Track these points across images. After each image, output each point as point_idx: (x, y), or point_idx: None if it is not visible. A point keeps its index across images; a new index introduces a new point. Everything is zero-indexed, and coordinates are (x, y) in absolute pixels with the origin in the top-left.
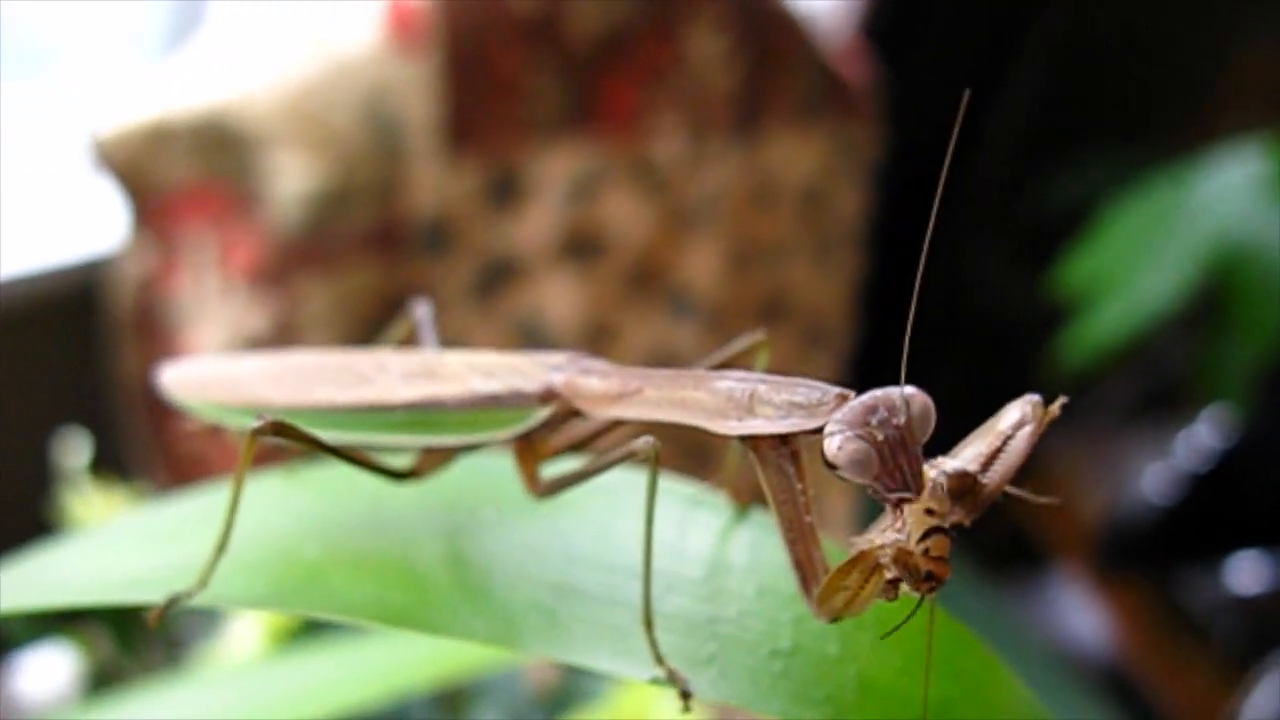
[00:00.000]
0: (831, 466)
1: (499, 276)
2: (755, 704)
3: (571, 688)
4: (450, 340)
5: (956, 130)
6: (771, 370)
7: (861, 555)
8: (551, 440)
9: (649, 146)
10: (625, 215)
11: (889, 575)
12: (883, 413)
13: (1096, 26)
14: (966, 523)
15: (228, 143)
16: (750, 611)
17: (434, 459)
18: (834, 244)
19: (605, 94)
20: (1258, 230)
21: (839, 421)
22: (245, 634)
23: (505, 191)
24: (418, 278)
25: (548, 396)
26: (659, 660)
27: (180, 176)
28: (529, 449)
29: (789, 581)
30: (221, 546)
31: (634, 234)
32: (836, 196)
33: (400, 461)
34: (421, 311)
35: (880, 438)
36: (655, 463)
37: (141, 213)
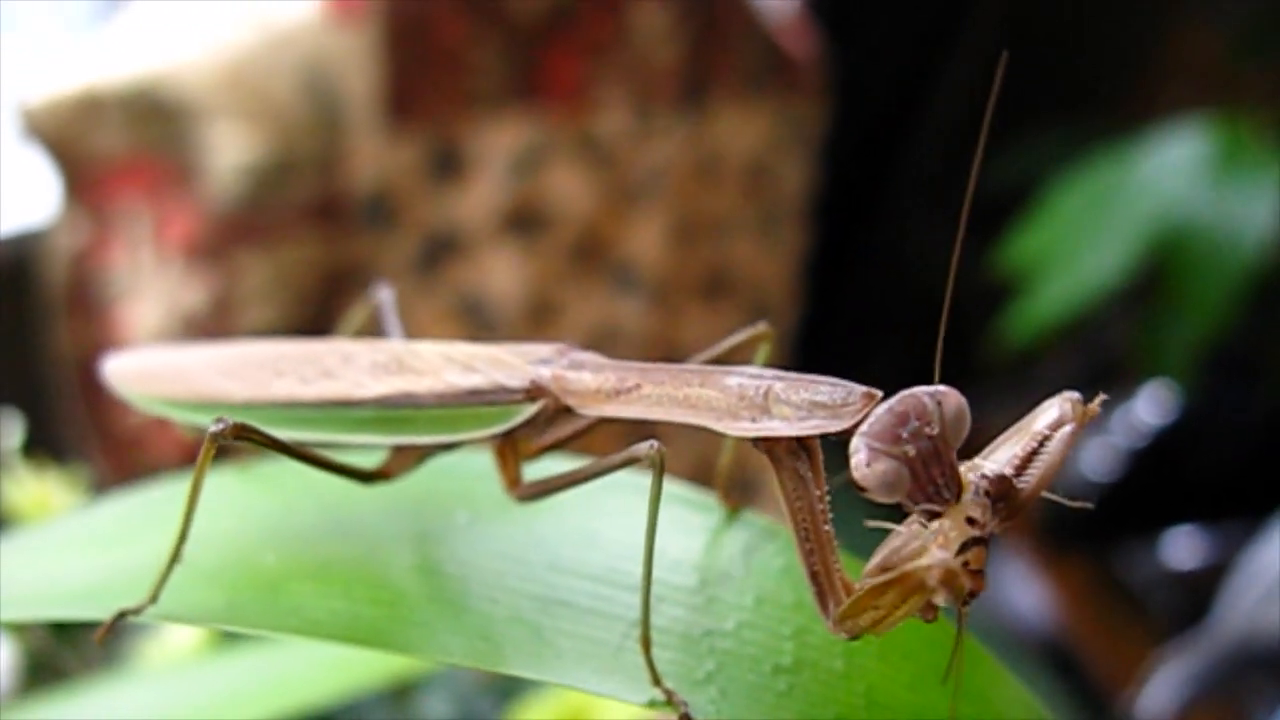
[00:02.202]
0: (859, 487)
1: (441, 251)
2: None
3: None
4: (379, 329)
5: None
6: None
7: (905, 576)
8: (535, 439)
9: (593, 120)
10: (569, 189)
11: (936, 598)
12: (914, 422)
13: (1038, 4)
14: (1000, 530)
15: (162, 113)
16: (749, 623)
17: (405, 459)
18: (778, 218)
19: (549, 67)
20: (1199, 208)
21: (867, 436)
22: (183, 627)
23: (447, 165)
24: (358, 252)
25: (534, 392)
26: (656, 680)
27: (113, 148)
28: (511, 449)
29: (788, 590)
30: (175, 557)
31: (578, 208)
32: (781, 171)
33: (368, 462)
34: (383, 295)
35: (912, 453)
36: (660, 469)
37: (73, 185)
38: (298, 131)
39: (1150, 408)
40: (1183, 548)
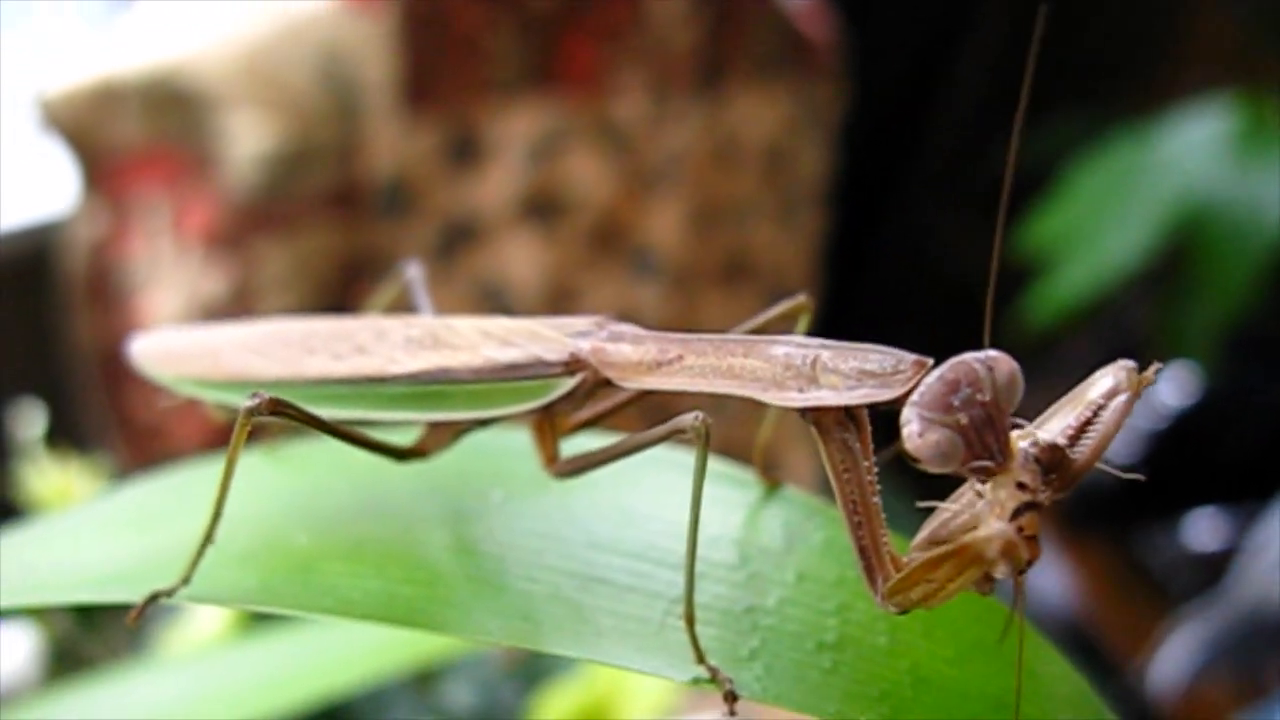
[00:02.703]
0: (911, 458)
1: (460, 238)
2: (806, 704)
3: (542, 662)
4: (409, 306)
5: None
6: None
7: (963, 548)
8: (573, 414)
9: (610, 106)
10: (587, 175)
11: (996, 570)
12: (965, 390)
13: None
14: (1051, 500)
15: (180, 103)
16: (791, 600)
17: (441, 435)
18: (797, 203)
19: (566, 53)
20: (1220, 189)
21: (918, 405)
22: (211, 612)
23: (465, 152)
24: (377, 240)
25: (574, 365)
26: (700, 659)
27: (131, 138)
28: (549, 423)
29: (829, 566)
30: (208, 538)
31: (596, 194)
32: (799, 155)
33: (402, 439)
34: (413, 273)
35: (965, 421)
36: (705, 442)
37: (92, 175)
38: (315, 120)
39: (1172, 389)
40: (1204, 530)
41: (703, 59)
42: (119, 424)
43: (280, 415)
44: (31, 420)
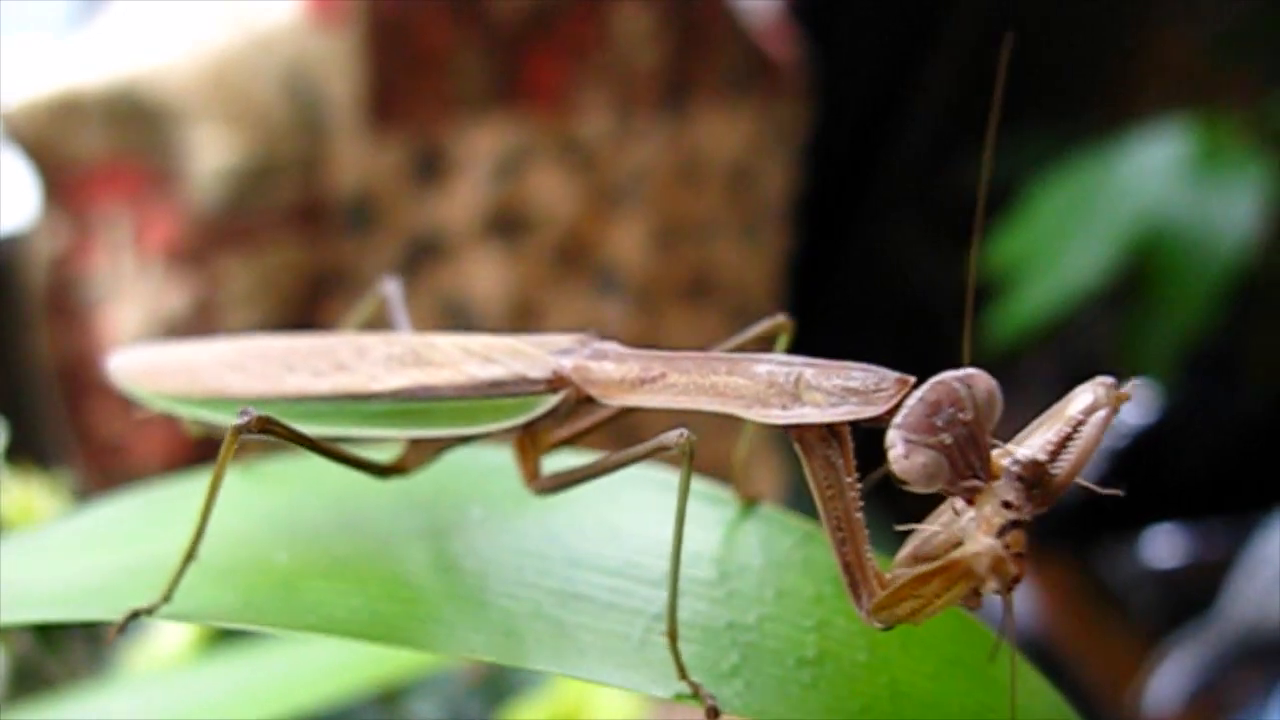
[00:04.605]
0: (898, 480)
1: (424, 254)
2: (787, 719)
3: (509, 677)
4: (385, 322)
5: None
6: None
7: (952, 565)
8: (555, 431)
9: (575, 123)
10: (551, 192)
11: (988, 585)
12: (948, 410)
13: (1019, 6)
14: (1031, 515)
15: (142, 117)
16: (771, 616)
17: (422, 452)
18: (761, 221)
19: (531, 70)
20: (1179, 209)
21: (902, 428)
22: (174, 631)
23: (430, 168)
24: (341, 256)
25: (556, 383)
26: (683, 675)
27: (93, 151)
28: (530, 440)
29: (807, 583)
30: (190, 555)
31: (560, 211)
32: (763, 174)
33: (382, 455)
34: (390, 289)
35: (949, 441)
36: (690, 459)
37: (53, 188)
38: (279, 134)
39: (1131, 407)
40: (1163, 546)
41: (668, 77)
42: (80, 440)
43: (268, 433)
44: None
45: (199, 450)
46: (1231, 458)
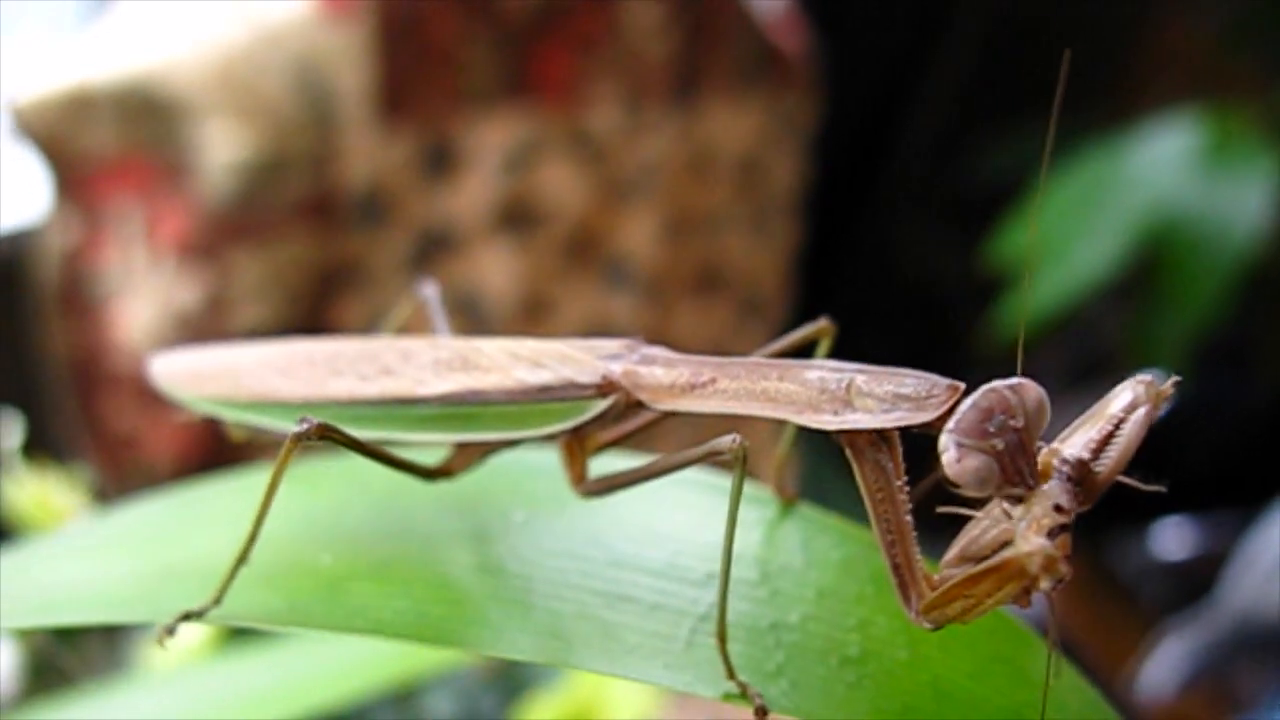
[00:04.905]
0: (951, 483)
1: (434, 248)
2: (833, 719)
3: (523, 673)
4: (424, 326)
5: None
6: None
7: (1005, 564)
8: (602, 434)
9: (585, 116)
10: (561, 185)
11: (1040, 584)
12: (999, 416)
13: None
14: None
15: (154, 111)
16: (813, 616)
17: (469, 456)
18: (770, 213)
19: (540, 63)
20: (1189, 201)
21: (955, 432)
22: (192, 629)
23: (440, 162)
24: (352, 250)
25: (606, 388)
26: (731, 674)
27: (104, 146)
28: (578, 444)
29: (848, 582)
30: (242, 559)
31: (570, 204)
32: (773, 166)
33: (427, 459)
34: (428, 292)
35: (1000, 446)
36: (743, 464)
37: (65, 184)
38: (290, 129)
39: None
40: (1173, 538)
41: (677, 70)
42: (93, 434)
43: (327, 439)
44: (9, 431)
45: (211, 445)
46: (1241, 450)
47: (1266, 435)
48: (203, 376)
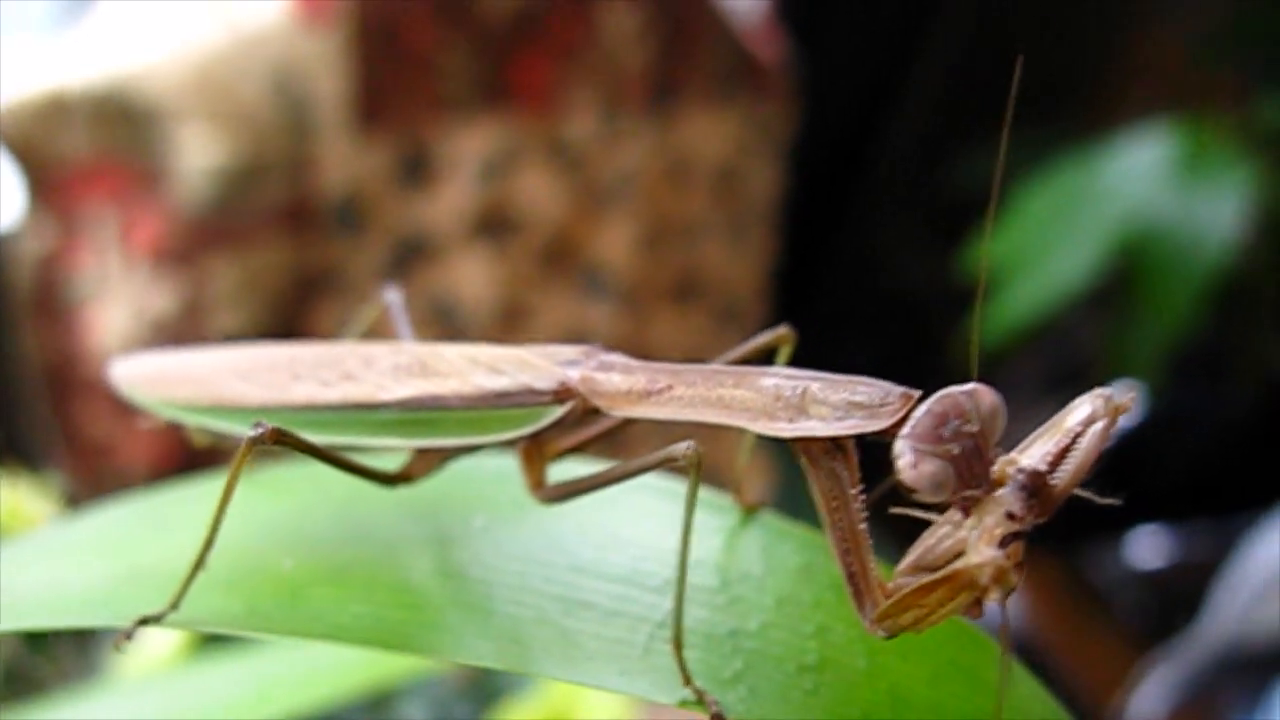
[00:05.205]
0: (908, 488)
1: (411, 255)
2: None
3: (497, 680)
4: (387, 331)
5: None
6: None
7: (955, 575)
8: (560, 440)
9: (562, 124)
10: (538, 193)
11: (990, 594)
12: (954, 422)
13: (1004, 8)
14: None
15: (129, 116)
16: (772, 623)
17: (428, 461)
18: (747, 222)
19: (518, 71)
20: (1164, 211)
21: (911, 438)
22: (164, 635)
23: (417, 169)
24: (328, 256)
25: (563, 394)
26: (687, 680)
27: (79, 151)
28: (536, 450)
29: (807, 589)
30: (200, 563)
31: (548, 212)
32: (750, 175)
33: (386, 464)
34: (393, 297)
35: (956, 451)
36: (698, 470)
37: (40, 188)
38: (267, 135)
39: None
40: (1148, 547)
41: (654, 79)
42: (67, 440)
43: (281, 444)
44: None
45: (185, 451)
46: (1217, 459)
47: (1242, 444)
48: (164, 380)
